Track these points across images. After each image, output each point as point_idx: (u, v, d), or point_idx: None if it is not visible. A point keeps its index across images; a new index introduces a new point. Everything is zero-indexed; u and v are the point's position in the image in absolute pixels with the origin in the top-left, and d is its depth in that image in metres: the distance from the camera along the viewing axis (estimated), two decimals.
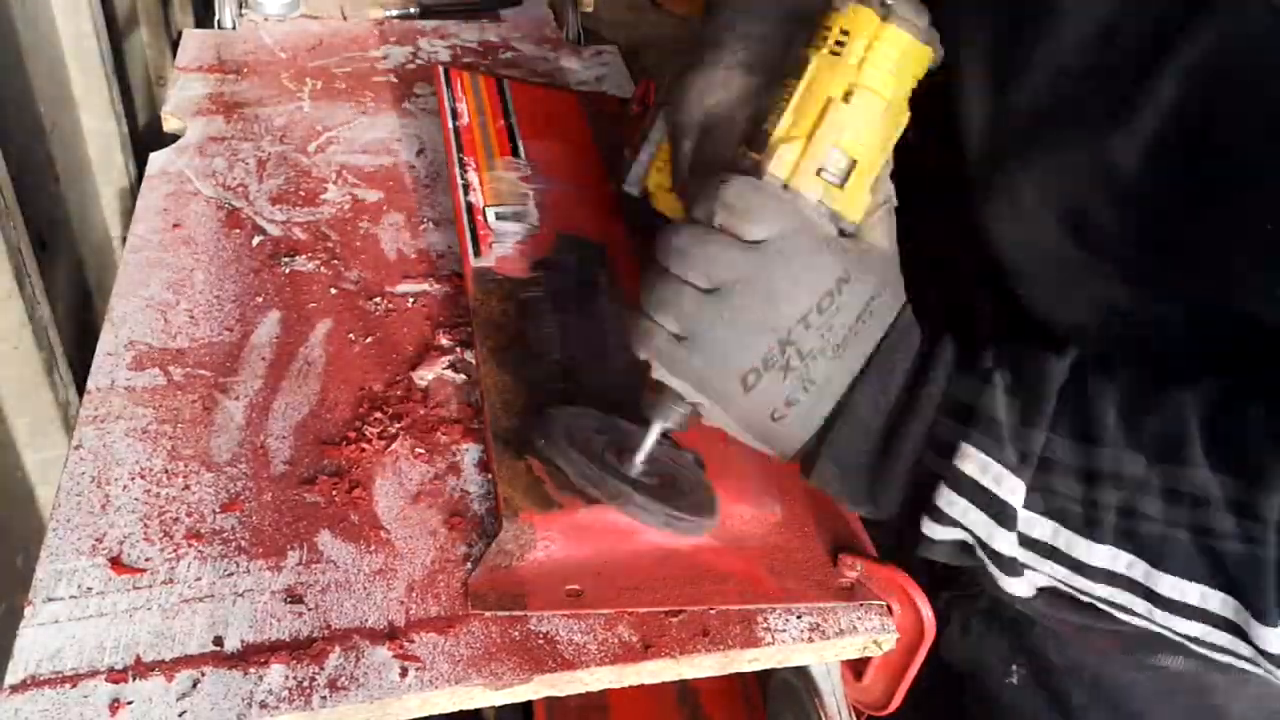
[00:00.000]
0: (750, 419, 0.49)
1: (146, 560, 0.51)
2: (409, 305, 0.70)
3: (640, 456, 0.53)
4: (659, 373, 0.49)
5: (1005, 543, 0.46)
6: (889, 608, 0.53)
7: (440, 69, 0.89)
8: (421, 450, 0.59)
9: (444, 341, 0.67)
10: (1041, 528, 0.46)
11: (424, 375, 0.64)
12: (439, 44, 1.08)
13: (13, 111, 0.80)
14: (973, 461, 0.46)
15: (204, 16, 1.15)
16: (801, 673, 0.60)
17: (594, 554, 0.53)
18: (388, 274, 0.73)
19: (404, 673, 0.47)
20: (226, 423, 0.59)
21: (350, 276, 0.72)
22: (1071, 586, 0.47)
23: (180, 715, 0.44)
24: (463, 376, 0.65)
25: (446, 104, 0.84)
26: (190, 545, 0.52)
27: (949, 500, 0.47)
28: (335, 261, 0.73)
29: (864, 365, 0.48)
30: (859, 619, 0.53)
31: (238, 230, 0.75)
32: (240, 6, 1.06)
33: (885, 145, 0.49)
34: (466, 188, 0.75)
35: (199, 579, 0.50)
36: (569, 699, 0.50)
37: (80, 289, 0.95)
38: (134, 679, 0.46)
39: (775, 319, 0.47)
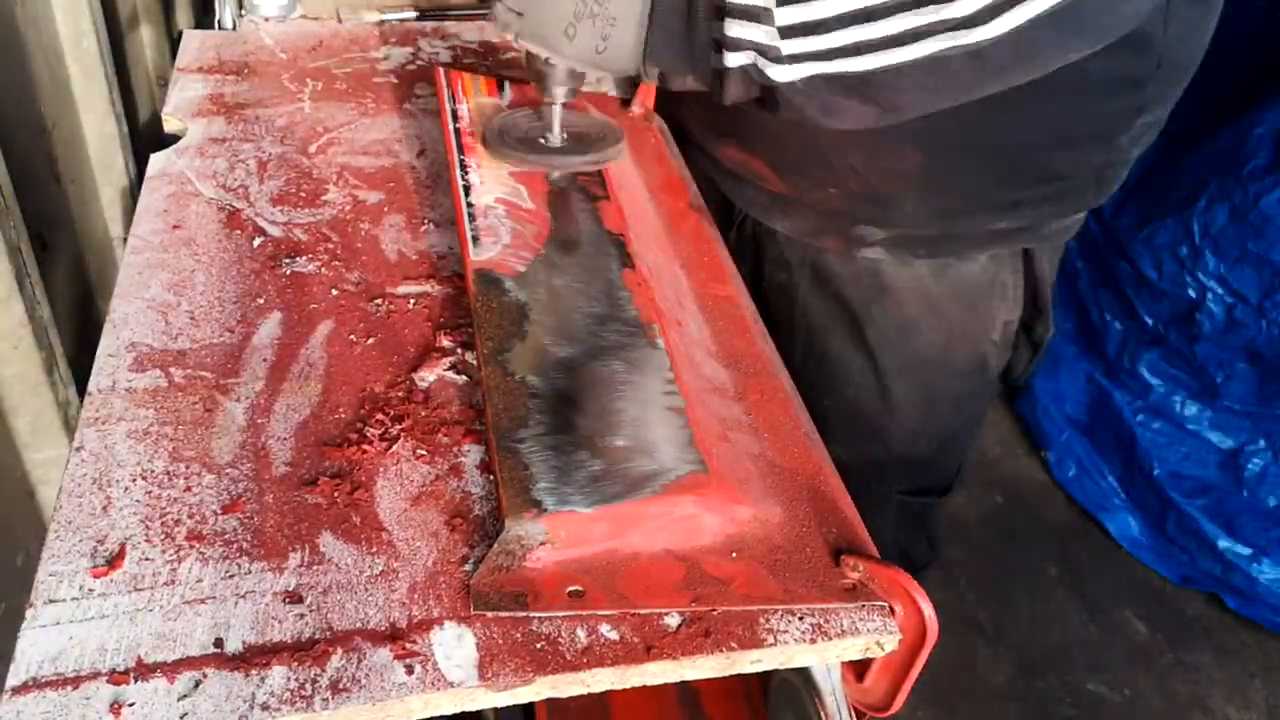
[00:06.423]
0: (583, 58, 0.67)
1: (148, 562, 0.51)
2: (410, 306, 0.70)
3: (556, 128, 0.76)
4: (513, 40, 0.67)
5: (768, 35, 0.62)
6: (891, 609, 0.53)
7: (441, 70, 0.89)
8: (423, 451, 0.59)
9: (445, 343, 0.67)
10: (790, 14, 0.61)
11: (425, 376, 0.64)
12: (439, 45, 1.08)
13: (14, 111, 0.80)
14: None
15: (204, 17, 1.15)
16: (803, 674, 0.60)
17: (596, 555, 0.53)
18: (389, 275, 0.73)
19: (407, 672, 0.47)
20: (228, 424, 0.59)
21: (351, 278, 0.72)
22: (820, 52, 0.62)
23: (182, 717, 0.44)
24: (464, 378, 0.65)
25: (447, 105, 0.84)
26: (192, 547, 0.52)
27: (730, 26, 0.63)
28: (336, 263, 0.73)
29: None
30: (861, 620, 0.53)
31: (239, 231, 0.75)
32: (240, 7, 1.06)
33: None
34: (467, 189, 0.75)
35: (200, 580, 0.50)
36: (570, 700, 0.50)
37: (80, 289, 0.94)
38: (135, 680, 0.46)
39: None
